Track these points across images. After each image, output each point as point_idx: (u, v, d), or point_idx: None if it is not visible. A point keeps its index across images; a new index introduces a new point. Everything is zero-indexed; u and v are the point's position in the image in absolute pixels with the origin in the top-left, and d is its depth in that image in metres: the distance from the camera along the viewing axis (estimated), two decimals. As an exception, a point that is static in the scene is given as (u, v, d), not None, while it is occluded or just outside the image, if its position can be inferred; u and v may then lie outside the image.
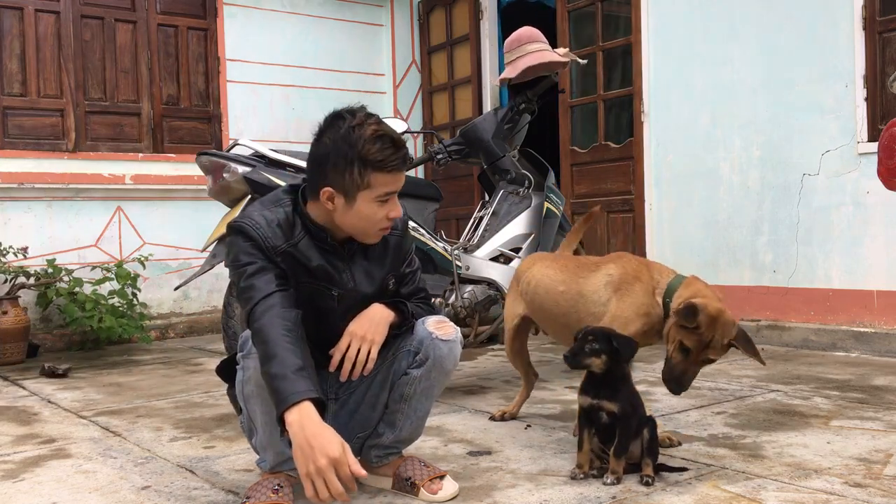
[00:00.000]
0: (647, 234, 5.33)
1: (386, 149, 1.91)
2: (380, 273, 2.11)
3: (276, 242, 1.95)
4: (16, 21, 5.54)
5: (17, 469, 2.54)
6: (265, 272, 1.93)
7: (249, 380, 1.99)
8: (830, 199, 4.41)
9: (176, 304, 5.99)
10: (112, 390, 3.89)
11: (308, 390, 1.74)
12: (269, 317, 1.86)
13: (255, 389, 1.98)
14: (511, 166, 3.69)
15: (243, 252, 1.94)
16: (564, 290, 2.61)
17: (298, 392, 1.73)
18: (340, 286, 2.04)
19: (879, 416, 2.87)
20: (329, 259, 2.02)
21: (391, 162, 1.92)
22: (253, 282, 1.91)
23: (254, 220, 1.96)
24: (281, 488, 2.05)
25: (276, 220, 1.97)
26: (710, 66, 4.96)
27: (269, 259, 1.94)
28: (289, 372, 1.75)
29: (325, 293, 2.03)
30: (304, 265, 1.99)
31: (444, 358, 2.11)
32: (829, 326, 4.42)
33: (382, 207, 1.96)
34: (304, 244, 1.99)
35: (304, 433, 1.69)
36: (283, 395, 1.74)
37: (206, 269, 3.24)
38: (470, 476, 2.30)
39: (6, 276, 5.04)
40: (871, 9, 4.23)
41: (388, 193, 1.95)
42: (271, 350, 1.80)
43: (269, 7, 6.52)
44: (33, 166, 5.46)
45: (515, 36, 3.68)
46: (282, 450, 2.04)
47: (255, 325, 1.87)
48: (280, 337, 1.82)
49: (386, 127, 1.95)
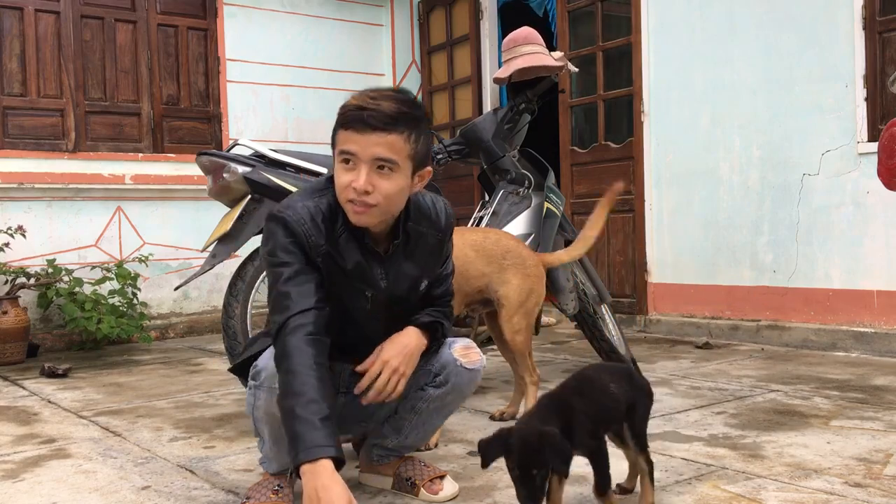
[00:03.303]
0: (647, 234, 5.33)
1: (350, 105, 1.83)
2: (415, 273, 2.03)
3: (318, 241, 1.87)
4: (16, 21, 5.53)
5: (17, 469, 2.54)
6: (303, 280, 1.85)
7: (260, 408, 1.96)
8: (830, 199, 4.41)
9: (176, 304, 5.99)
10: (112, 390, 3.89)
11: (329, 446, 1.68)
12: (298, 340, 1.79)
13: (266, 417, 1.96)
14: (511, 166, 3.69)
15: (282, 249, 1.86)
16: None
17: (321, 447, 1.67)
18: (375, 287, 1.96)
19: (879, 416, 2.87)
20: (367, 257, 1.94)
21: (348, 116, 1.81)
22: (290, 290, 1.83)
23: (298, 214, 1.87)
24: (281, 489, 2.05)
25: (321, 213, 1.89)
26: (710, 66, 4.96)
27: (309, 260, 1.86)
28: (316, 419, 1.69)
29: (358, 293, 1.96)
30: (340, 266, 1.91)
31: (464, 385, 2.10)
32: (829, 326, 4.42)
33: (346, 172, 1.83)
34: (344, 240, 1.91)
35: (315, 483, 1.65)
36: (304, 446, 1.68)
37: (206, 269, 3.23)
38: (470, 476, 2.30)
39: (6, 276, 5.04)
40: (871, 9, 4.23)
41: (346, 153, 1.82)
42: (297, 386, 1.74)
43: (269, 7, 6.51)
44: (33, 166, 5.46)
45: (511, 37, 3.70)
46: (286, 460, 2.03)
47: (284, 343, 1.80)
48: (308, 371, 1.75)
49: (376, 92, 1.84)
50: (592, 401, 1.85)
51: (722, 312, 4.97)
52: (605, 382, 1.90)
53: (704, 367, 4.00)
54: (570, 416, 1.78)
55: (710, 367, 3.98)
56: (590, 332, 3.78)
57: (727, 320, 4.91)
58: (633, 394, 1.93)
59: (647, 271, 5.35)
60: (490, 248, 2.85)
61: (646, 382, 2.01)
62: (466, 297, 2.81)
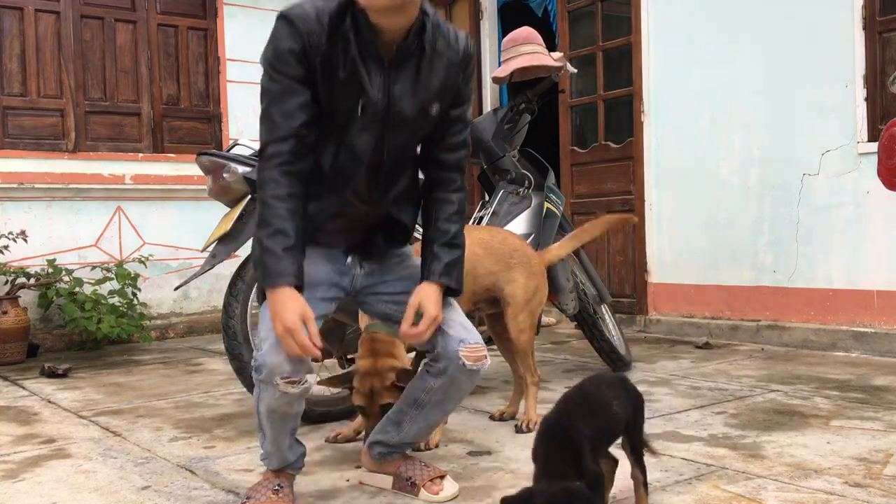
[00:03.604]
0: (647, 235, 5.33)
1: None
2: (425, 95, 1.96)
3: (319, 40, 1.85)
4: (16, 21, 5.53)
5: (17, 469, 2.54)
6: (289, 100, 1.88)
7: (263, 401, 1.96)
8: (830, 199, 4.41)
9: (176, 304, 5.99)
10: (112, 390, 3.89)
11: (289, 275, 1.83)
12: (274, 171, 1.88)
13: (267, 413, 1.97)
14: (511, 166, 3.69)
15: (278, 56, 1.88)
16: None
17: (280, 275, 1.83)
18: (369, 95, 1.91)
19: (879, 416, 2.87)
20: (367, 62, 1.89)
21: None
22: (273, 113, 1.90)
23: (304, 11, 1.87)
24: (281, 489, 2.05)
25: (328, 13, 1.87)
26: (710, 67, 4.96)
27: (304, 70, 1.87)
28: (279, 250, 1.83)
29: (352, 101, 1.91)
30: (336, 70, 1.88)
31: (462, 382, 2.09)
32: (829, 326, 4.42)
33: None
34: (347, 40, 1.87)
35: (275, 303, 1.82)
36: (268, 273, 1.84)
37: (206, 269, 3.23)
38: (470, 476, 2.30)
39: (6, 277, 5.04)
40: (871, 9, 4.23)
41: None
42: (267, 216, 1.86)
43: (269, 7, 6.49)
44: (33, 166, 5.46)
45: (511, 36, 3.71)
46: (286, 457, 2.06)
47: (261, 173, 1.90)
48: (278, 203, 1.86)
49: None
50: (597, 425, 1.78)
51: (722, 312, 4.97)
52: (608, 401, 1.85)
53: (704, 367, 4.00)
54: (580, 447, 1.71)
55: (710, 367, 3.98)
56: (590, 332, 3.78)
57: (727, 320, 4.91)
58: (631, 409, 1.89)
59: (647, 271, 5.35)
60: (498, 247, 2.86)
61: (639, 393, 1.97)
62: (474, 295, 2.81)
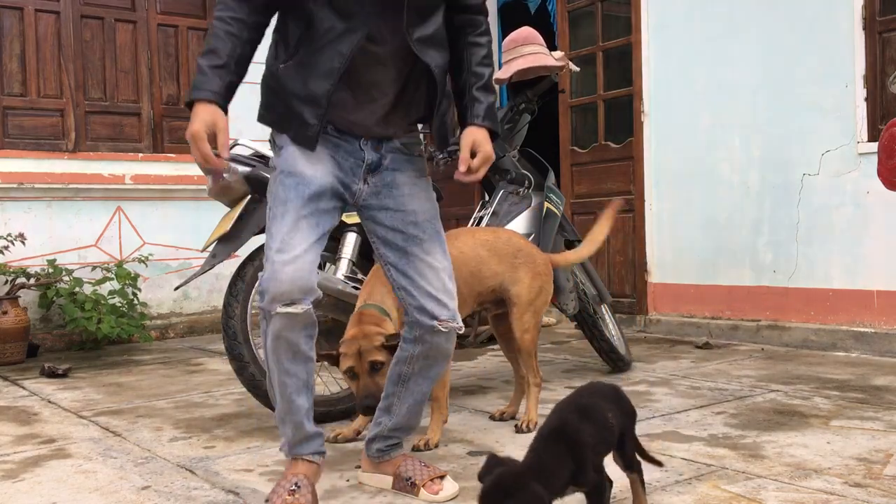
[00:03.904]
0: (647, 234, 5.33)
1: None
2: None
3: None
4: (16, 21, 5.53)
5: (17, 469, 2.54)
6: None
7: (269, 334, 1.97)
8: (830, 199, 4.41)
9: (176, 304, 5.99)
10: (112, 390, 3.89)
11: (209, 91, 1.93)
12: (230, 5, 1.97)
13: (274, 346, 1.97)
14: (511, 166, 3.69)
15: None
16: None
17: (201, 90, 1.93)
18: None
19: (879, 416, 2.87)
20: None
21: None
22: None
23: None
24: (298, 488, 2.00)
25: None
26: (710, 66, 4.96)
27: None
28: (206, 66, 1.94)
29: None
30: None
31: (440, 344, 2.11)
32: (829, 326, 4.42)
33: None
34: None
35: (193, 113, 1.93)
36: (193, 88, 1.95)
37: (206, 269, 3.23)
38: (470, 476, 2.29)
39: (6, 277, 5.04)
40: (871, 9, 4.24)
41: None
42: (209, 37, 1.98)
43: (269, 7, 6.51)
44: (33, 166, 5.46)
45: (512, 37, 3.70)
46: (300, 420, 2.02)
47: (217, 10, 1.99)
48: (220, 24, 1.96)
49: None
50: (596, 434, 1.77)
51: (722, 312, 4.97)
52: (603, 411, 1.83)
53: (704, 367, 4.00)
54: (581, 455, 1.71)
55: (710, 367, 3.98)
56: (590, 332, 3.78)
57: (727, 320, 4.92)
58: (623, 419, 1.87)
59: (647, 271, 5.35)
60: (502, 248, 2.87)
61: (633, 407, 1.94)
62: (480, 296, 2.82)
